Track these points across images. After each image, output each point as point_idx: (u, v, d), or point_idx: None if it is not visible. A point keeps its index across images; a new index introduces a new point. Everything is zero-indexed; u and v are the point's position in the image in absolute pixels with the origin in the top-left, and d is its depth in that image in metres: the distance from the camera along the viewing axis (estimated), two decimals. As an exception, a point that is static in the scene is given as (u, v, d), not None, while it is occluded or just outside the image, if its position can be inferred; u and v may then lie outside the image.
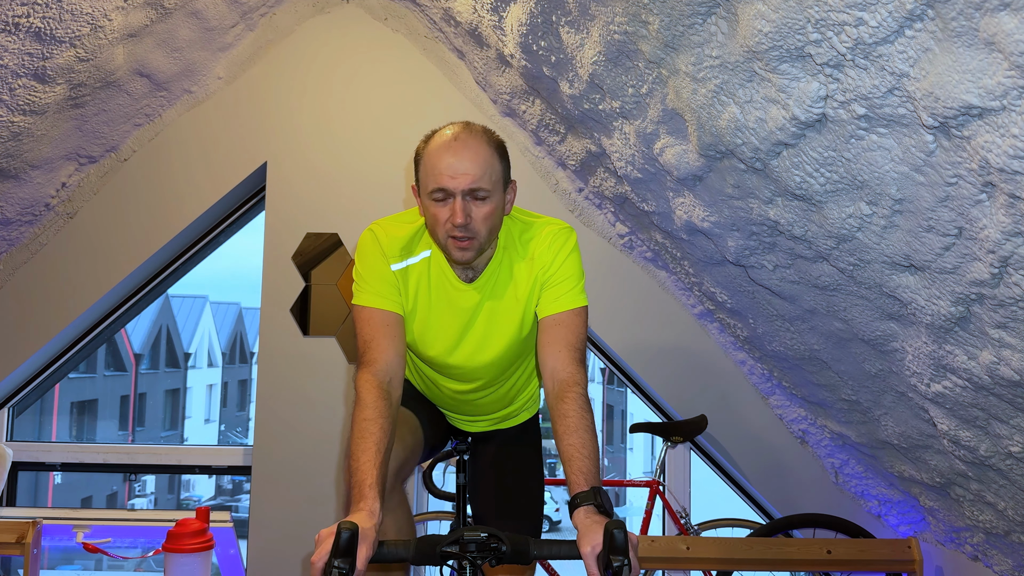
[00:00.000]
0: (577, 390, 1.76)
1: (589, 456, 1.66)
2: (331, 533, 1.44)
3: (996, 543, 2.68)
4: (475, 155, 1.76)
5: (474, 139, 1.78)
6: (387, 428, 1.71)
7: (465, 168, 1.74)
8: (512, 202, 1.90)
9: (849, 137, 1.63)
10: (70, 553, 7.03)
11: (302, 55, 3.83)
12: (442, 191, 1.76)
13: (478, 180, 1.75)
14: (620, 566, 1.38)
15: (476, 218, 1.77)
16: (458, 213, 1.74)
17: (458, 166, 1.74)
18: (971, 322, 1.79)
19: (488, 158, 1.78)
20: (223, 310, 20.86)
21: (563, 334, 1.85)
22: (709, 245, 2.74)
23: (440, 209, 1.78)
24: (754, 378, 3.68)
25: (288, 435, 3.70)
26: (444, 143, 1.78)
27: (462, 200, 1.75)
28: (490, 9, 2.76)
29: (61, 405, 13.71)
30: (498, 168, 1.80)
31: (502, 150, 1.83)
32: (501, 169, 1.81)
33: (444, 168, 1.75)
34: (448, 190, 1.75)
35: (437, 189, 1.76)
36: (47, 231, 3.72)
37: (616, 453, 16.58)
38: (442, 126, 1.85)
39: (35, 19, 2.60)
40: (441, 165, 1.75)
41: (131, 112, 3.55)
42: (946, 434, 2.28)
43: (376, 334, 1.85)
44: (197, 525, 2.80)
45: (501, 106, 3.69)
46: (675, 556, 2.94)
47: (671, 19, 1.84)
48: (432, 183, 1.77)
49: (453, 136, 1.78)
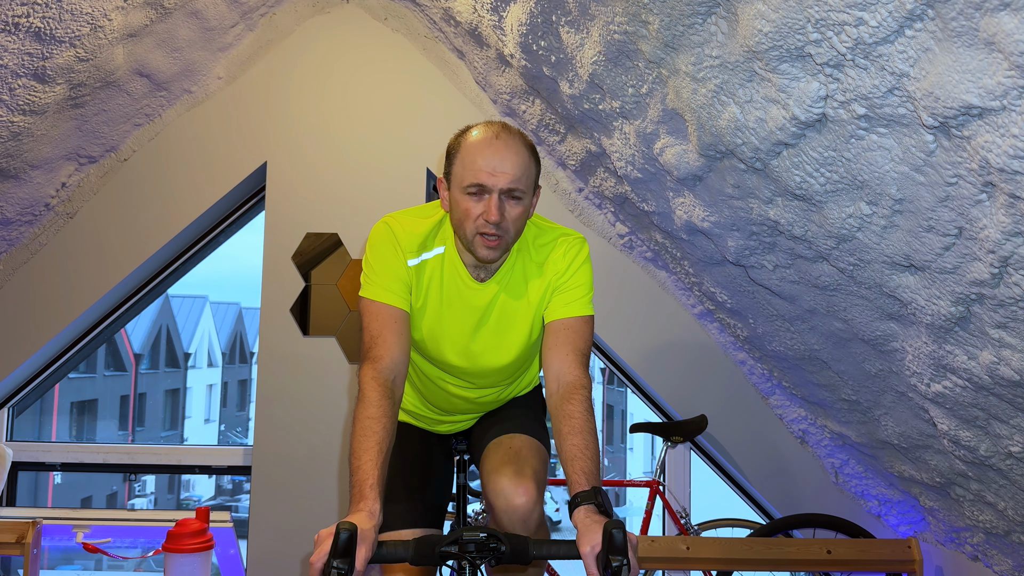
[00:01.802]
0: (583, 393, 1.78)
1: (591, 457, 1.67)
2: (330, 534, 1.44)
3: (996, 543, 2.68)
4: (516, 155, 1.78)
5: (514, 140, 1.80)
6: (390, 428, 1.71)
7: (506, 167, 1.76)
8: (535, 206, 1.91)
9: (849, 137, 1.63)
10: (70, 553, 7.03)
11: (302, 55, 3.83)
12: (480, 187, 1.77)
13: (516, 180, 1.77)
14: (619, 566, 1.38)
15: (508, 217, 1.79)
16: (493, 211, 1.76)
17: (499, 164, 1.76)
18: (971, 322, 1.79)
19: (527, 160, 1.80)
20: (223, 310, 20.87)
21: (571, 338, 1.87)
22: (709, 245, 2.74)
23: (474, 205, 1.79)
24: (754, 378, 3.68)
25: (288, 435, 3.70)
26: (485, 140, 1.79)
27: (498, 198, 1.77)
28: (490, 9, 2.76)
29: (61, 405, 13.72)
30: (533, 171, 1.83)
31: (536, 154, 1.86)
32: (535, 173, 1.84)
33: (484, 164, 1.76)
34: (487, 187, 1.77)
35: (475, 184, 1.77)
36: (47, 231, 3.72)
37: (616, 453, 16.59)
38: (477, 123, 1.86)
39: (35, 19, 2.60)
40: (481, 161, 1.77)
41: (131, 112, 3.55)
42: (946, 434, 2.28)
43: (384, 330, 1.85)
44: (197, 525, 2.80)
45: (501, 106, 3.69)
46: (675, 556, 2.94)
47: (671, 19, 1.84)
48: (470, 178, 1.78)
49: (495, 134, 1.80)
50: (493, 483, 1.91)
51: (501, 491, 1.87)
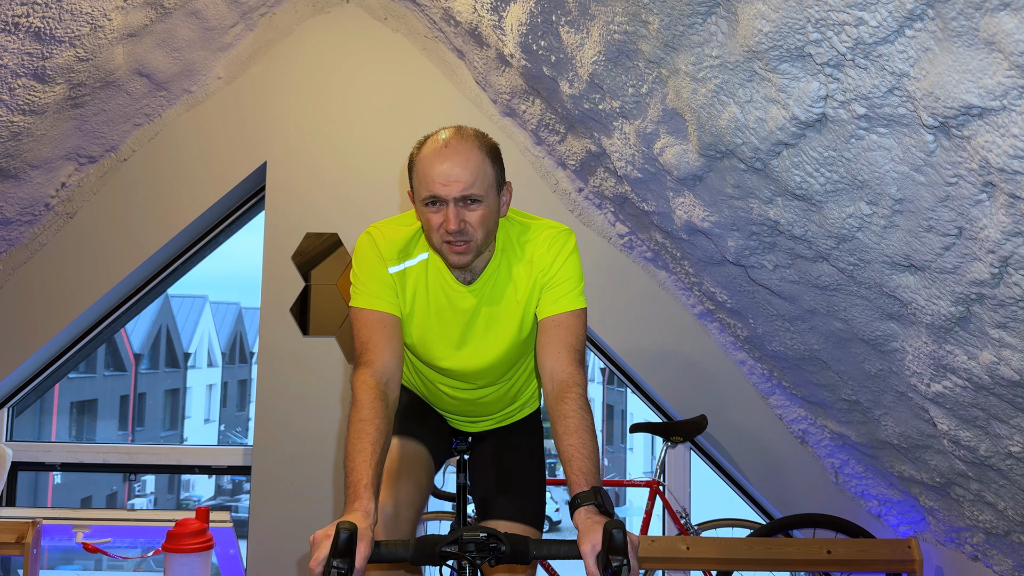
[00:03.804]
0: (577, 391, 1.77)
1: (589, 456, 1.66)
2: (327, 535, 1.44)
3: (996, 543, 2.68)
4: (466, 161, 1.75)
5: (465, 144, 1.78)
6: (383, 429, 1.71)
7: (456, 175, 1.74)
8: (508, 204, 1.90)
9: (849, 137, 1.63)
10: (70, 553, 7.03)
11: (302, 55, 3.83)
12: (434, 198, 1.76)
13: (469, 187, 1.75)
14: (619, 566, 1.38)
15: (470, 222, 1.77)
16: (451, 220, 1.75)
17: (449, 173, 1.74)
18: (971, 322, 1.79)
19: (479, 163, 1.77)
20: (223, 310, 20.86)
21: (562, 335, 1.86)
22: (709, 245, 2.74)
23: (434, 215, 1.78)
24: (754, 378, 3.68)
25: (288, 435, 3.70)
26: (435, 150, 1.77)
27: (455, 207, 1.75)
28: (490, 9, 2.76)
29: (61, 405, 13.71)
30: (490, 172, 1.80)
31: (495, 153, 1.83)
32: (494, 173, 1.81)
33: (436, 175, 1.75)
34: (440, 197, 1.75)
35: (429, 196, 1.76)
36: (47, 231, 3.72)
37: (616, 453, 16.58)
38: (435, 131, 1.84)
39: (35, 19, 2.60)
40: (433, 172, 1.75)
41: (131, 112, 3.55)
42: (946, 434, 2.28)
43: (373, 336, 1.85)
44: (197, 525, 2.80)
45: (501, 106, 3.69)
46: (675, 556, 2.94)
47: (671, 19, 1.84)
48: (424, 191, 1.77)
49: (444, 143, 1.78)
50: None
51: None
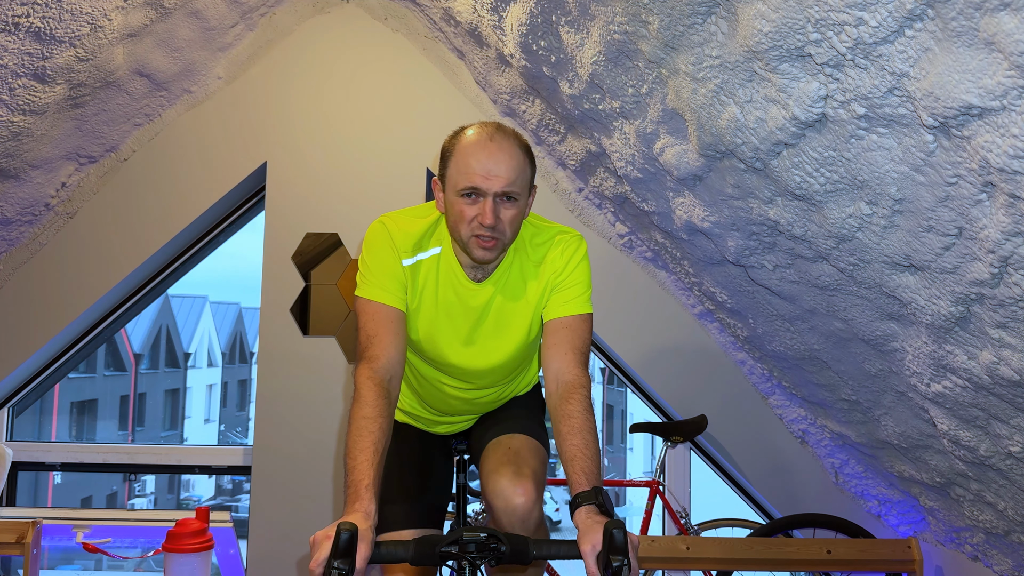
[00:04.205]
0: (582, 392, 1.78)
1: (591, 457, 1.66)
2: (326, 536, 1.44)
3: (996, 543, 2.68)
4: (511, 158, 1.76)
5: (508, 142, 1.78)
6: (385, 427, 1.70)
7: (500, 171, 1.75)
8: (531, 206, 1.90)
9: (849, 137, 1.63)
10: (70, 553, 7.03)
11: (302, 55, 3.83)
12: (474, 190, 1.76)
13: (511, 183, 1.76)
14: (619, 566, 1.38)
15: (504, 220, 1.78)
16: (488, 214, 1.75)
17: (493, 168, 1.74)
18: (971, 322, 1.79)
19: (521, 162, 1.79)
20: (223, 310, 20.87)
21: (570, 337, 1.86)
22: (709, 245, 2.74)
23: (469, 207, 1.77)
24: (754, 378, 3.68)
25: (288, 435, 3.70)
26: (479, 142, 1.77)
27: (493, 202, 1.75)
28: (490, 9, 2.76)
29: (61, 405, 13.72)
30: (528, 172, 1.82)
31: (531, 154, 1.84)
32: (530, 173, 1.83)
33: (478, 168, 1.75)
34: (481, 190, 1.75)
35: (470, 187, 1.76)
36: (47, 231, 3.72)
37: (616, 453, 16.59)
38: (470, 124, 1.85)
39: (35, 19, 2.60)
40: (475, 164, 1.75)
41: (131, 112, 3.55)
42: (946, 434, 2.28)
43: (380, 329, 1.84)
44: (197, 525, 2.80)
45: (501, 106, 3.69)
46: (675, 556, 2.94)
47: (671, 19, 1.84)
48: (465, 181, 1.76)
49: (489, 136, 1.78)
50: (492, 483, 1.90)
51: (500, 491, 1.87)
